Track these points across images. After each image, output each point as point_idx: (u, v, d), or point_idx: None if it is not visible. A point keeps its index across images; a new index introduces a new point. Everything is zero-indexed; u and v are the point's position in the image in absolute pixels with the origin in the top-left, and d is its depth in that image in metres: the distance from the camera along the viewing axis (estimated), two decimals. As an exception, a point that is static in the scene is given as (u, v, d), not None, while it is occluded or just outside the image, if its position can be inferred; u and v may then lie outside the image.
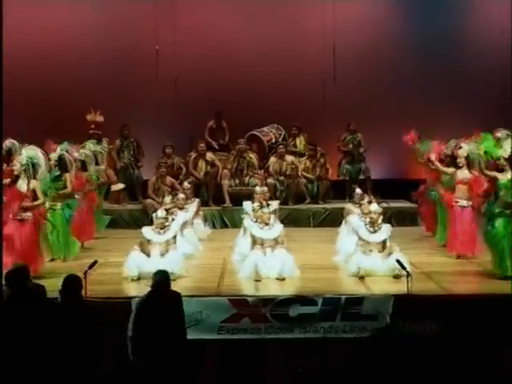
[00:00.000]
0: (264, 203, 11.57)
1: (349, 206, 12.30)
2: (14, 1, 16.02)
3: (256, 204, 11.62)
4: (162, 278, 7.50)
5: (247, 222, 10.85)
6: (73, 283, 7.27)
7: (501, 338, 8.53)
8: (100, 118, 15.08)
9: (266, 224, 10.39)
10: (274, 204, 11.87)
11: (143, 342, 7.35)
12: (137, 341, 7.39)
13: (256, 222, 10.60)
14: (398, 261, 9.45)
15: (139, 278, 9.82)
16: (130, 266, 9.99)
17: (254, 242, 10.32)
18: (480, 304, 8.90)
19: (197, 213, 12.91)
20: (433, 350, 8.58)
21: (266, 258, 10.03)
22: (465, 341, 8.61)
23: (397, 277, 9.66)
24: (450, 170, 11.60)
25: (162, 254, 10.12)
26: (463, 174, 11.21)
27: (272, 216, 10.70)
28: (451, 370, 8.49)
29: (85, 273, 8.57)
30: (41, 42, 16.06)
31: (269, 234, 10.29)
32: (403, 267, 9.17)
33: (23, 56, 15.82)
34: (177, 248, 10.47)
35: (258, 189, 12.31)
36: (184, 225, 11.64)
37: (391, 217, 12.82)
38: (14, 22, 15.85)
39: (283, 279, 9.84)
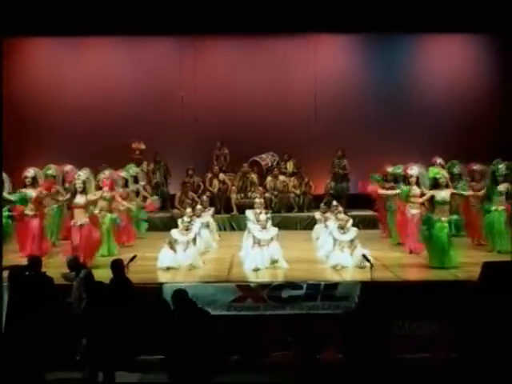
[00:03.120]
0: (262, 211, 11.64)
1: (318, 214, 12.45)
2: (78, 61, 16.32)
3: (257, 211, 11.70)
4: (178, 297, 7.27)
5: (250, 225, 10.89)
6: (118, 264, 7.98)
7: (441, 312, 8.61)
8: (143, 146, 15.12)
9: (264, 227, 10.44)
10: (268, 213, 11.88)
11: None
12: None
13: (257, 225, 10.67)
14: (364, 255, 9.48)
15: (168, 268, 9.93)
16: (161, 258, 10.09)
17: (255, 241, 10.29)
18: (426, 288, 9.02)
19: (212, 218, 12.91)
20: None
21: (263, 253, 10.06)
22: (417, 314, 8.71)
23: (362, 267, 9.67)
24: (392, 191, 11.69)
25: (185, 250, 10.20)
26: (415, 190, 11.25)
27: (269, 221, 10.73)
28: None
29: (127, 264, 8.60)
30: (96, 92, 16.13)
31: (266, 235, 10.33)
32: (368, 260, 9.21)
33: (83, 102, 16.01)
34: (196, 245, 10.55)
35: (257, 200, 12.35)
36: (203, 226, 11.67)
37: (359, 222, 12.79)
38: (79, 76, 16.19)
39: (276, 261, 9.87)
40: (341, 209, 11.73)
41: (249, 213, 12.06)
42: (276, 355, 8.64)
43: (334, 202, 12.42)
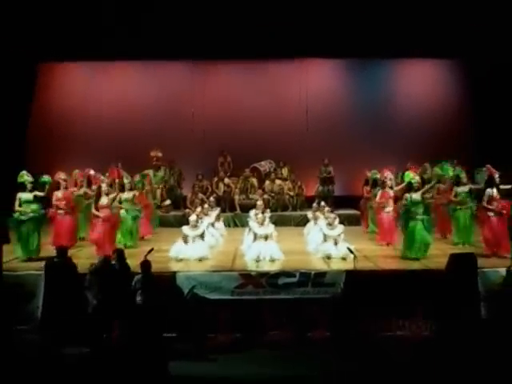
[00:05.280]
0: (261, 211, 11.62)
1: (310, 213, 12.39)
2: (104, 82, 16.38)
3: (256, 211, 11.68)
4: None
5: (251, 223, 10.92)
6: (121, 253, 8.08)
7: (415, 296, 8.62)
8: (159, 154, 15.04)
9: (262, 224, 10.45)
10: (267, 213, 11.85)
11: None
12: None
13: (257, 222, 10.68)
14: (348, 248, 9.47)
15: (181, 259, 9.96)
16: (174, 250, 10.13)
17: (255, 236, 10.35)
18: (401, 275, 9.00)
19: (218, 217, 12.93)
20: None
21: (262, 247, 10.08)
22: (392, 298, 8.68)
23: (345, 259, 9.71)
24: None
25: (194, 244, 10.16)
26: (389, 192, 11.27)
27: (267, 219, 10.74)
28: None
29: (145, 256, 8.63)
30: (119, 109, 16.16)
31: (264, 231, 10.35)
32: (351, 252, 9.20)
33: (108, 117, 16.03)
34: (204, 240, 10.56)
35: (258, 203, 12.28)
36: (209, 225, 11.67)
37: (344, 219, 12.77)
38: (105, 94, 16.25)
39: (273, 261, 9.86)
40: (327, 208, 11.73)
41: (251, 212, 12.06)
42: (273, 334, 8.63)
43: (322, 203, 12.43)
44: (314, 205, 12.58)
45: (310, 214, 12.41)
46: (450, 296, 8.27)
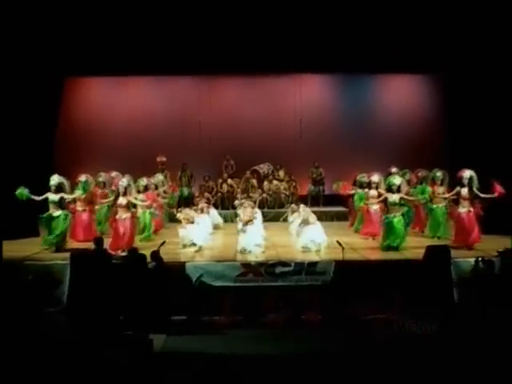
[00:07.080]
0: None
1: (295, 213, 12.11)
2: (121, 95, 16.38)
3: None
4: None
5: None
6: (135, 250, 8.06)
7: (395, 283, 8.65)
8: (164, 159, 14.95)
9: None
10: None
11: None
12: None
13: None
14: (337, 241, 9.49)
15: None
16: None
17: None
18: (384, 265, 9.08)
19: (202, 210, 12.37)
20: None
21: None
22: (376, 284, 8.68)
23: (318, 250, 9.75)
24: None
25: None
26: (374, 192, 11.34)
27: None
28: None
29: (158, 248, 8.67)
30: (135, 119, 16.08)
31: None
32: (340, 244, 9.22)
33: (125, 126, 15.94)
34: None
35: (240, 215, 12.13)
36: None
37: (334, 216, 12.77)
38: (122, 106, 16.26)
39: (259, 245, 9.87)
40: (302, 206, 11.59)
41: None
42: (271, 316, 8.66)
43: (293, 204, 12.34)
44: (293, 205, 12.50)
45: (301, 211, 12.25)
46: (427, 283, 8.32)
